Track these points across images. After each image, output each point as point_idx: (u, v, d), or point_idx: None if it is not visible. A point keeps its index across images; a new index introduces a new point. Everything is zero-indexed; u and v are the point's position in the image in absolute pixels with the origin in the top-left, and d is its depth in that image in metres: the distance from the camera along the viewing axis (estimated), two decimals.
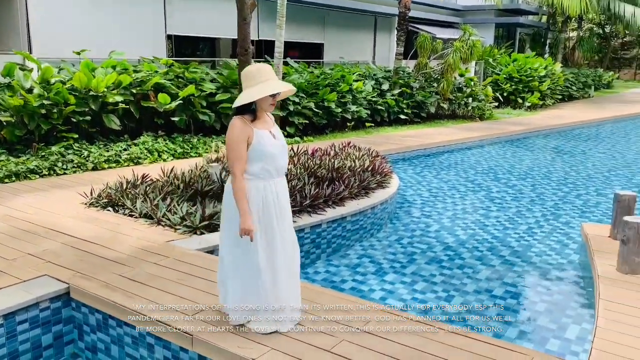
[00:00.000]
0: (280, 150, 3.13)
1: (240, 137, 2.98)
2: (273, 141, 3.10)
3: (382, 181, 6.92)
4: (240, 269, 3.17)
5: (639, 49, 36.56)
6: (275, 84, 3.05)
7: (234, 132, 2.99)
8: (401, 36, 14.41)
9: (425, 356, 2.99)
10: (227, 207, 3.17)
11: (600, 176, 9.50)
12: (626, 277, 4.23)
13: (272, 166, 3.09)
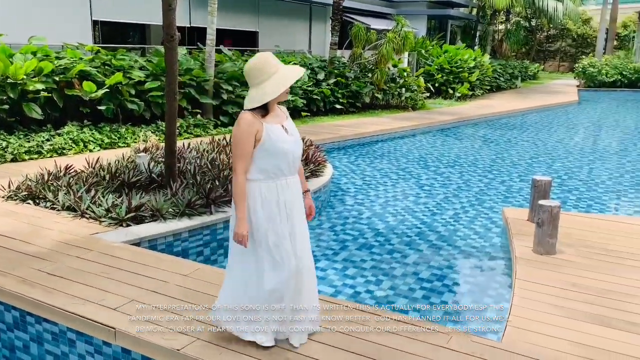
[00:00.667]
0: (293, 146, 2.84)
1: (248, 132, 2.70)
2: (285, 136, 2.81)
3: (315, 170, 6.98)
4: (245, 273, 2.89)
5: (562, 42, 38.52)
6: (290, 73, 2.78)
7: (241, 127, 2.71)
8: (335, 26, 14.49)
9: (345, 337, 3.06)
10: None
11: (524, 163, 9.99)
12: (541, 258, 4.48)
13: (285, 163, 2.81)
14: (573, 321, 3.41)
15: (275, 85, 2.70)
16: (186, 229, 4.90)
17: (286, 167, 2.82)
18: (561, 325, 3.35)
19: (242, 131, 2.71)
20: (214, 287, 3.70)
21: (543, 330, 3.29)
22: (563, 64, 38.51)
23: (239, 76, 11.17)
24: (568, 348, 3.09)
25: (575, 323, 3.38)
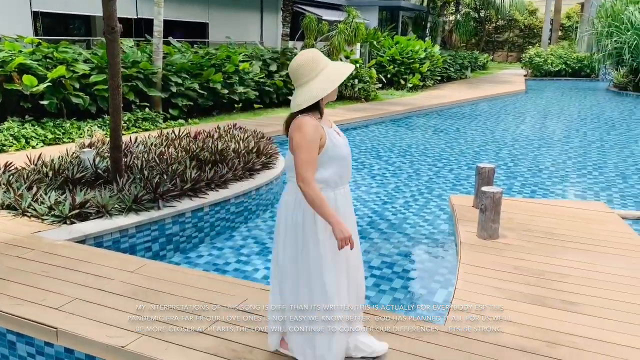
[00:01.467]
0: (348, 150, 2.65)
1: (314, 138, 2.44)
2: (342, 140, 2.62)
3: (267, 162, 6.96)
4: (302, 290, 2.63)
5: (510, 33, 39.57)
6: (341, 67, 2.54)
7: (307, 131, 2.43)
8: (287, 17, 14.44)
9: None
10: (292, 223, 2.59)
11: (471, 151, 10.24)
12: (484, 242, 4.63)
13: (345, 170, 2.63)
14: (513, 302, 3.55)
15: (326, 82, 2.48)
16: (133, 225, 4.81)
17: (346, 174, 2.65)
18: (502, 306, 3.47)
19: (307, 137, 2.44)
20: (161, 283, 3.66)
21: (485, 313, 3.40)
22: (511, 54, 39.59)
23: (189, 68, 11.00)
24: (508, 328, 3.21)
25: (515, 304, 3.52)
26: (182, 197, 5.40)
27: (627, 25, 20.13)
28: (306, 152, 2.44)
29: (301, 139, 2.45)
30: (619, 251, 4.50)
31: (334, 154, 2.54)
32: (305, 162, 2.44)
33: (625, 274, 4.02)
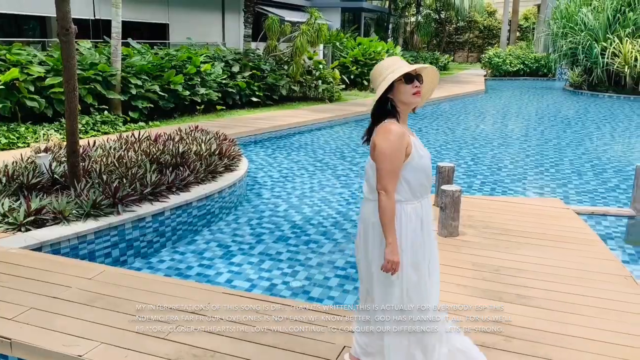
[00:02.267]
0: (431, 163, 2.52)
1: (400, 146, 2.33)
2: (427, 153, 2.50)
3: (230, 164, 6.91)
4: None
5: (469, 34, 40.36)
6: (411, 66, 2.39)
7: (392, 140, 2.31)
8: (249, 18, 14.37)
9: (256, 329, 3.08)
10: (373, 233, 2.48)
11: (434, 150, 10.39)
12: (445, 240, 4.72)
13: (428, 181, 2.49)
14: (472, 298, 3.63)
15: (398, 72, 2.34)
16: (92, 231, 4.71)
17: (428, 184, 2.50)
18: (462, 302, 3.55)
19: (393, 145, 2.31)
20: (120, 289, 3.59)
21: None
22: (471, 55, 40.39)
23: (149, 70, 10.82)
24: (468, 324, 3.27)
25: (474, 300, 3.60)
26: (143, 202, 5.32)
27: (581, 26, 20.80)
28: (389, 162, 2.33)
29: (384, 147, 2.33)
30: (573, 246, 4.65)
31: (419, 165, 2.42)
32: (386, 171, 2.34)
33: (578, 268, 4.16)
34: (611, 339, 3.13)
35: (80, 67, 9.66)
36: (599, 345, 3.06)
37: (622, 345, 3.06)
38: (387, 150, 2.32)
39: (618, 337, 3.15)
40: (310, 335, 3.07)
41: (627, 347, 3.06)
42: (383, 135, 2.34)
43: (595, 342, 3.10)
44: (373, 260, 2.50)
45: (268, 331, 3.09)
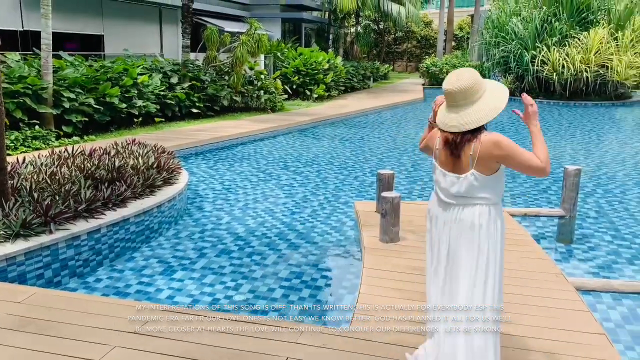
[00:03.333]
0: None
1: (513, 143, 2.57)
2: None
3: (169, 178, 6.76)
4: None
5: (408, 44, 41.39)
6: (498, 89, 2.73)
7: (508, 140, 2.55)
8: (187, 29, 14.16)
9: (195, 345, 3.01)
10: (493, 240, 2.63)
11: (375, 158, 10.57)
12: (386, 246, 4.78)
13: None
14: (413, 302, 3.68)
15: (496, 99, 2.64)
16: (22, 252, 4.47)
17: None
18: (403, 307, 3.60)
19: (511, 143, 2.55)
20: (52, 312, 3.42)
21: (388, 314, 3.51)
22: (410, 64, 41.40)
23: (83, 82, 10.46)
24: (408, 327, 3.32)
25: (415, 303, 3.66)
26: (77, 219, 5.10)
27: (512, 35, 21.78)
28: (520, 152, 2.53)
29: (508, 147, 2.52)
30: (509, 247, 4.80)
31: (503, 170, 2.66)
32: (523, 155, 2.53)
33: (514, 268, 4.31)
34: (547, 335, 3.25)
35: (7, 81, 9.21)
36: (537, 342, 3.18)
37: (560, 342, 3.19)
38: (511, 148, 2.53)
39: (552, 333, 3.28)
40: (254, 348, 3.03)
41: (561, 341, 3.19)
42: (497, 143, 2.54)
43: (529, 339, 3.21)
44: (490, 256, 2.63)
45: (209, 347, 3.02)
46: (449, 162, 2.67)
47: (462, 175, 2.62)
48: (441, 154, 2.72)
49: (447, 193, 2.70)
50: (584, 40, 20.10)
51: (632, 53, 20.14)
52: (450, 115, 2.63)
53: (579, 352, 3.10)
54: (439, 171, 2.73)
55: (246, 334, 3.17)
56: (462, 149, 2.59)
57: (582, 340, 3.21)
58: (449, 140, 2.64)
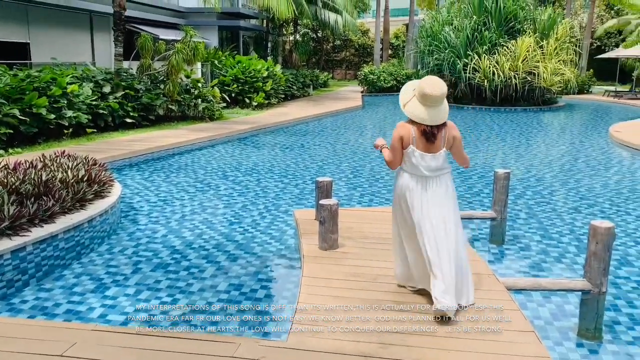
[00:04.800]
0: None
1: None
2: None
3: (101, 191, 6.50)
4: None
5: (346, 52, 41.97)
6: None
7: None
8: (119, 36, 13.75)
9: None
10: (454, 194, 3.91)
11: (315, 166, 10.60)
12: (325, 253, 4.79)
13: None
14: (352, 309, 3.69)
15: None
16: None
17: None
18: (342, 315, 3.60)
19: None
20: None
21: (327, 324, 3.50)
22: (349, 72, 41.99)
23: (7, 92, 9.94)
24: (348, 336, 3.33)
25: (354, 311, 3.67)
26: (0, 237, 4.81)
27: (445, 44, 22.51)
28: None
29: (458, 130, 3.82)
30: None
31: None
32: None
33: None
34: (479, 335, 3.34)
35: None
36: (468, 342, 3.25)
37: (488, 341, 3.28)
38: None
39: (483, 333, 3.37)
40: None
41: (491, 341, 3.29)
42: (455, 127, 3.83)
43: (460, 340, 3.29)
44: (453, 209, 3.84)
45: None
46: (425, 147, 3.72)
47: (437, 153, 3.73)
48: (419, 143, 3.72)
49: (429, 169, 3.75)
50: (512, 48, 21.07)
51: (556, 60, 21.29)
52: (434, 113, 3.67)
53: (509, 351, 3.20)
54: (418, 154, 3.72)
55: (182, 350, 3.07)
56: (437, 135, 3.70)
57: (512, 339, 3.32)
58: (426, 131, 3.69)
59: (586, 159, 11.56)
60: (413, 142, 3.70)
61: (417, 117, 3.67)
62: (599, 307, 4.01)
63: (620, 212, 7.53)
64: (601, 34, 33.22)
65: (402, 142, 3.74)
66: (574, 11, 33.92)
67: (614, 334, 4.17)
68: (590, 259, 4.01)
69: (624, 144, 12.79)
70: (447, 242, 3.67)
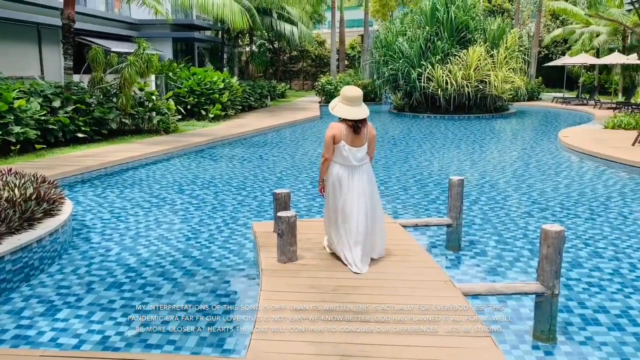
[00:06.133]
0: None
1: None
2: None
3: (50, 209, 6.27)
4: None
5: (303, 63, 42.14)
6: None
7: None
8: (68, 49, 13.37)
9: None
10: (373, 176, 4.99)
11: (274, 177, 10.55)
12: (284, 266, 4.74)
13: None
14: (311, 322, 3.66)
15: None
16: None
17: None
18: (301, 328, 3.57)
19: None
20: None
21: (285, 337, 3.45)
22: (306, 83, 42.15)
23: None
24: (307, 349, 3.29)
25: (313, 323, 3.64)
26: None
27: (399, 54, 22.91)
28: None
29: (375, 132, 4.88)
30: (401, 258, 4.98)
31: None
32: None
33: (407, 278, 4.46)
34: (436, 342, 3.37)
35: None
36: (427, 351, 3.27)
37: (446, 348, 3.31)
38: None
39: (441, 339, 3.40)
40: None
41: (448, 348, 3.32)
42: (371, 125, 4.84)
43: (418, 348, 3.30)
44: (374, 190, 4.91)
45: None
46: (352, 141, 4.69)
47: (361, 146, 4.73)
48: (347, 138, 4.68)
49: (356, 159, 4.72)
50: (464, 57, 21.62)
51: (506, 69, 21.96)
52: (356, 110, 4.69)
53: (466, 357, 3.24)
54: (347, 148, 4.69)
55: None
56: (362, 130, 4.69)
57: (469, 344, 3.36)
58: (353, 125, 4.67)
59: (537, 164, 11.93)
60: (344, 137, 4.67)
61: (345, 114, 4.67)
62: (553, 309, 4.11)
63: (570, 214, 7.79)
64: (548, 43, 34.50)
65: (334, 139, 4.68)
66: (522, 21, 35.17)
67: (568, 335, 4.29)
68: (543, 262, 4.12)
69: (573, 149, 13.28)
70: (365, 218, 4.72)
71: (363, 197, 4.71)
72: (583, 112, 23.54)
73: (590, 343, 4.17)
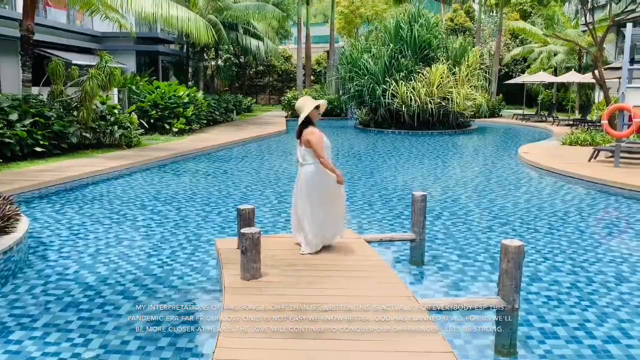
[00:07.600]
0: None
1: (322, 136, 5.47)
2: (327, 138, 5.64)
3: (5, 227, 6.05)
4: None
5: (269, 77, 42.16)
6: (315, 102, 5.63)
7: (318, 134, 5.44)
8: (27, 61, 13.05)
9: None
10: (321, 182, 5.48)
11: (239, 192, 10.46)
12: (248, 284, 4.68)
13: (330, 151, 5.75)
14: (274, 340, 3.62)
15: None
16: None
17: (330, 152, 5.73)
18: (264, 347, 3.52)
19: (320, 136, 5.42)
20: None
21: (248, 356, 3.40)
22: (273, 97, 42.15)
23: None
24: None
25: (276, 342, 3.60)
26: None
27: (364, 70, 23.19)
28: (320, 144, 5.35)
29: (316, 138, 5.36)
30: (366, 273, 4.99)
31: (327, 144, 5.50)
32: (321, 149, 5.35)
33: (368, 294, 4.45)
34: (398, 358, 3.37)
35: None
36: None
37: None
38: (318, 139, 5.36)
39: (402, 356, 3.41)
40: None
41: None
42: (312, 134, 5.38)
43: None
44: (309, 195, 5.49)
45: None
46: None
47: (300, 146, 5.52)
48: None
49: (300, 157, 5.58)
50: (427, 75, 22.05)
51: (468, 86, 22.49)
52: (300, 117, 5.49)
53: None
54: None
55: None
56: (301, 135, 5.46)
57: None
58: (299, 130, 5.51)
59: (498, 179, 12.20)
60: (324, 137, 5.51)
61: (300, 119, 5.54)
62: (513, 323, 4.17)
63: (530, 229, 7.98)
64: (508, 61, 35.53)
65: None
66: (483, 40, 36.16)
67: (527, 348, 4.36)
68: (503, 277, 4.19)
69: (532, 164, 13.65)
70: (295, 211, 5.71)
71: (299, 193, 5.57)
72: (542, 129, 24.26)
73: (550, 356, 4.25)
